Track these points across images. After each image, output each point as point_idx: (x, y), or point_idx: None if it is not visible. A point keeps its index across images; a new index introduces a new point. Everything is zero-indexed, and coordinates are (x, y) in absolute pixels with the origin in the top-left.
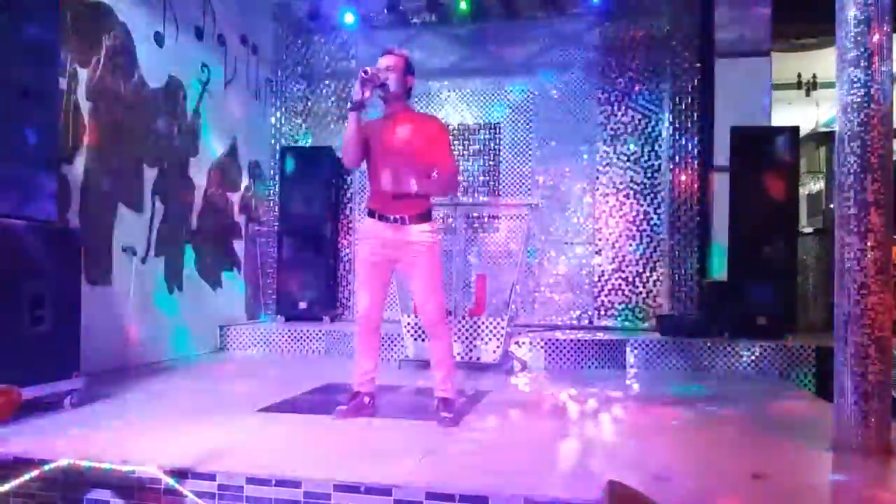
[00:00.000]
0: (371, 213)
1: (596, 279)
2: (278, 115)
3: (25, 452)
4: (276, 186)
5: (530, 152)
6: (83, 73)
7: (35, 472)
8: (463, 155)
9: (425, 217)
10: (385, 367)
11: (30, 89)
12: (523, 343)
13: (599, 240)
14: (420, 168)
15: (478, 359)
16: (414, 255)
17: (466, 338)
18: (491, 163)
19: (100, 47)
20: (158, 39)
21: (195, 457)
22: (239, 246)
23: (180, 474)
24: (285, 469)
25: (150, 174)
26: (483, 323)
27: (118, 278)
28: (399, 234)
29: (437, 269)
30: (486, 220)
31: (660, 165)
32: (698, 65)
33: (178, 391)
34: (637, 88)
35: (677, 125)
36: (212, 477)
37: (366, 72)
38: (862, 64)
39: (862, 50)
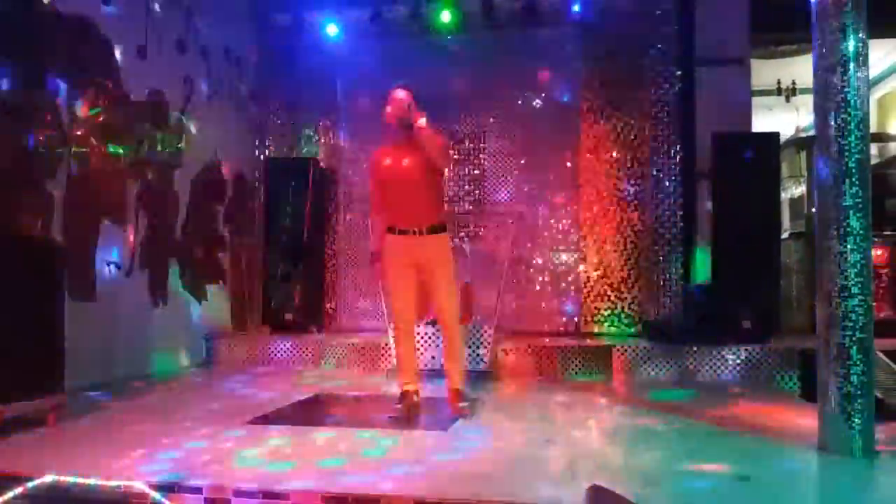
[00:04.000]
0: (391, 230)
1: (582, 286)
2: (262, 126)
3: (10, 469)
4: (261, 198)
5: (515, 161)
6: (65, 87)
7: (20, 490)
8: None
9: (439, 228)
10: (371, 377)
11: (11, 104)
12: (510, 350)
13: (584, 247)
14: (428, 181)
15: (465, 367)
16: (431, 261)
17: None
18: (476, 172)
19: (82, 61)
20: (141, 52)
21: (182, 471)
22: (224, 258)
23: (167, 489)
24: (273, 482)
25: (133, 187)
26: (470, 331)
27: (102, 293)
28: (420, 243)
29: (453, 271)
30: (471, 228)
31: (643, 172)
32: (679, 73)
33: (163, 405)
34: (619, 97)
35: (659, 132)
36: (198, 490)
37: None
38: (839, 70)
39: (838, 56)
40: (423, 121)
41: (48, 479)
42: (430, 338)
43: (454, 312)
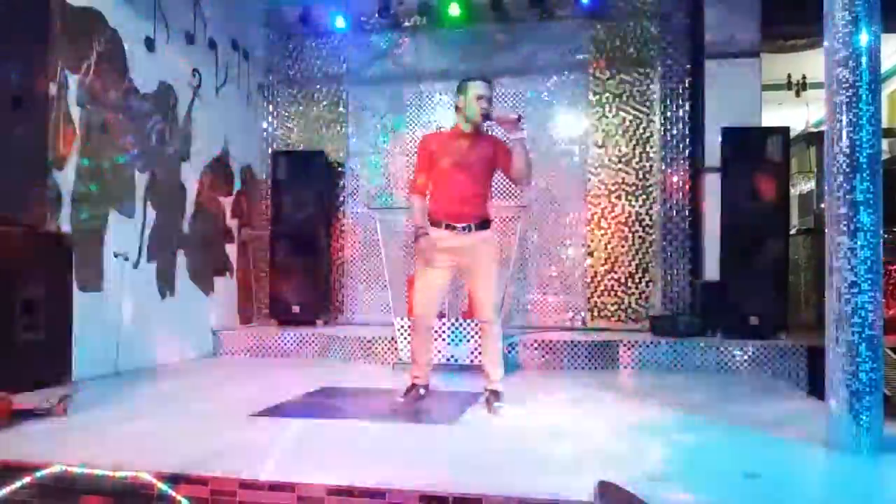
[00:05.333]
0: (437, 223)
1: (589, 280)
2: (270, 119)
3: (17, 459)
4: (269, 191)
5: None
6: (73, 79)
7: (27, 479)
8: None
9: (487, 225)
10: (377, 370)
11: (20, 96)
12: (517, 344)
13: (591, 241)
14: (487, 178)
15: (471, 361)
16: (478, 258)
17: (460, 340)
18: None
19: (90, 53)
20: (149, 45)
21: (188, 462)
22: (231, 250)
23: (173, 479)
24: (279, 473)
25: (141, 179)
26: (475, 325)
27: (110, 284)
28: (467, 240)
29: (496, 269)
30: None
31: (651, 166)
32: (688, 66)
33: (170, 396)
34: (627, 90)
35: (668, 126)
36: (205, 482)
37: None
38: (850, 64)
39: (850, 50)
40: (522, 135)
41: (56, 468)
42: (434, 331)
43: (493, 311)
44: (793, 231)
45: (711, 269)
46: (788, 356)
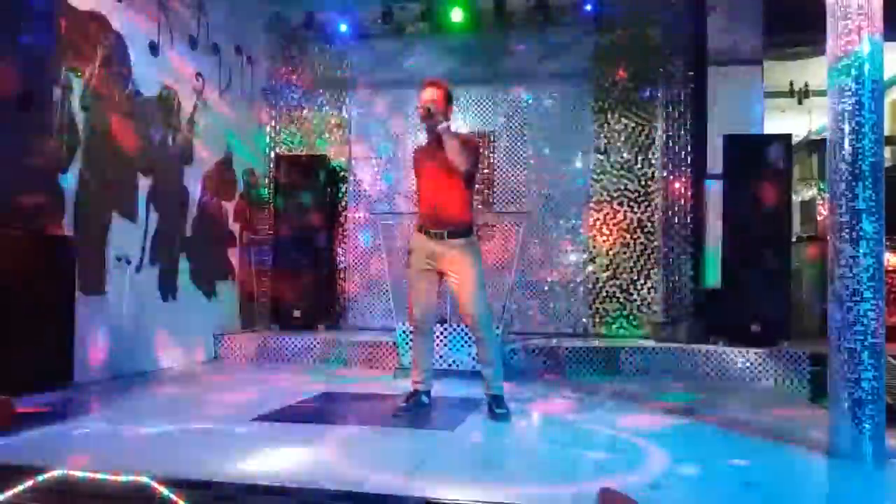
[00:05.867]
0: (419, 228)
1: (591, 287)
2: (273, 123)
3: (19, 463)
4: (271, 195)
5: (524, 161)
6: (77, 83)
7: (29, 483)
8: None
9: (463, 233)
10: (379, 376)
11: (24, 99)
12: (518, 350)
13: (594, 247)
14: (452, 184)
15: (473, 366)
16: (454, 266)
17: (462, 346)
18: (485, 171)
19: (94, 56)
20: (153, 49)
21: (190, 466)
22: (233, 254)
23: (175, 484)
24: (279, 478)
25: (144, 183)
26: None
27: (112, 287)
28: (440, 247)
29: (476, 275)
30: (480, 228)
31: (653, 173)
32: (691, 73)
33: (172, 400)
34: (630, 97)
35: (670, 133)
36: (207, 486)
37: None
38: (853, 73)
39: (853, 59)
40: (442, 126)
41: (57, 472)
42: (436, 337)
43: (480, 317)
44: (795, 238)
45: (713, 276)
46: (790, 363)
